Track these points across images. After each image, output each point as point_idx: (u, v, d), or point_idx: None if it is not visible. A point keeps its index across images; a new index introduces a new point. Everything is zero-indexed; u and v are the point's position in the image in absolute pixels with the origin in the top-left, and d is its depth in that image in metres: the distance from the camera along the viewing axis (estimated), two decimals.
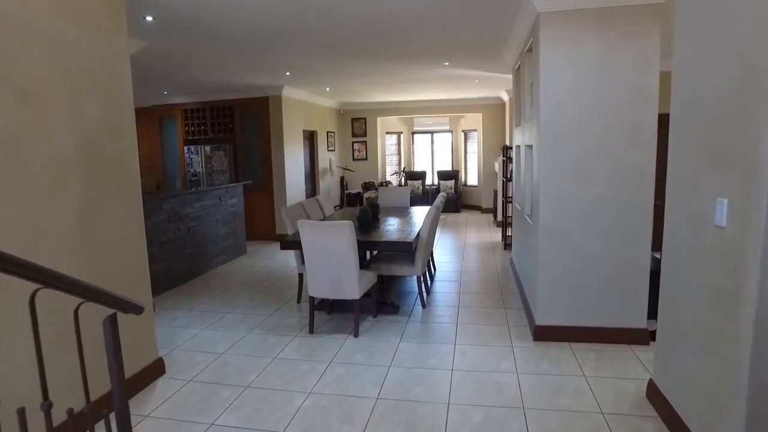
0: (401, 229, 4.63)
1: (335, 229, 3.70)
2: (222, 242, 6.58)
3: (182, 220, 5.72)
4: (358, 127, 11.65)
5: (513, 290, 5.03)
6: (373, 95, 9.80)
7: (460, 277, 5.62)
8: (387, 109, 11.42)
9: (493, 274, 5.69)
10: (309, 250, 3.87)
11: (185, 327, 4.29)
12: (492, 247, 7.27)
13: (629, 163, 3.39)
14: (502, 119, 10.56)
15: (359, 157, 11.72)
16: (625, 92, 3.33)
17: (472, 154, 11.78)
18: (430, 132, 12.41)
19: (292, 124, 8.42)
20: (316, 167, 9.95)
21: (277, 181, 8.12)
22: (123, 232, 3.00)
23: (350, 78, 7.28)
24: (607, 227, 3.49)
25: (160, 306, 4.86)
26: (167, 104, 8.55)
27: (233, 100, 8.15)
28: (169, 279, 5.45)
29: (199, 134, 8.45)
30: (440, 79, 7.58)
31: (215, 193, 6.44)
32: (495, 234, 8.30)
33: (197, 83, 7.23)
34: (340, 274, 3.83)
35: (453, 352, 3.58)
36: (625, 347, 3.52)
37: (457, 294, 4.98)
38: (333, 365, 3.42)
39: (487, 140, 10.77)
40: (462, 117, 11.88)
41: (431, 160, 12.48)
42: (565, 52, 3.39)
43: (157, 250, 5.27)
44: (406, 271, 4.50)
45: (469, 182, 11.89)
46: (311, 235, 3.80)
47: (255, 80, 7.14)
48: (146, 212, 5.21)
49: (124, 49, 3.01)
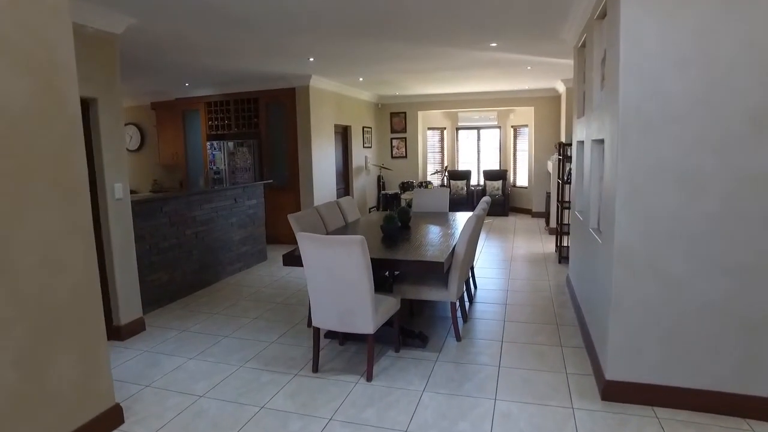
0: (433, 243, 3.77)
1: (343, 247, 2.89)
2: (237, 248, 5.94)
3: (188, 223, 5.09)
4: (398, 122, 10.82)
5: (570, 319, 4.06)
6: (413, 87, 8.94)
7: (506, 299, 4.68)
8: (429, 103, 10.52)
9: (546, 297, 4.72)
10: (311, 271, 3.08)
11: (171, 354, 3.61)
12: (544, 259, 6.26)
13: (760, 168, 2.37)
14: (557, 113, 9.43)
15: (398, 155, 10.89)
16: (757, 63, 2.32)
17: (522, 152, 10.69)
18: (476, 128, 11.40)
19: (322, 118, 7.70)
20: (350, 165, 9.21)
21: (304, 180, 7.43)
22: (58, 248, 2.31)
23: (383, 64, 6.46)
24: (723, 259, 2.47)
25: (152, 324, 4.23)
26: (190, 97, 8.03)
27: (258, 91, 7.51)
28: (170, 291, 4.83)
29: (223, 129, 7.88)
30: (487, 65, 6.62)
31: (230, 193, 5.80)
32: (548, 243, 7.26)
33: (217, 73, 6.62)
34: (350, 303, 3.02)
35: (492, 411, 2.70)
36: (739, 422, 2.52)
37: (501, 322, 4.06)
38: (332, 425, 2.62)
39: (540, 137, 9.68)
40: (511, 111, 10.81)
41: (477, 159, 11.48)
42: (660, 7, 2.42)
43: (156, 259, 4.66)
44: (436, 295, 3.64)
45: (519, 183, 10.81)
46: (313, 252, 3.01)
47: (278, 68, 6.46)
48: (144, 215, 4.58)
49: (62, 15, 2.32)
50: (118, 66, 3.83)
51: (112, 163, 3.78)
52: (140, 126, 9.06)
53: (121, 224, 3.88)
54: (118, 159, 3.84)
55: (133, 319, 4.00)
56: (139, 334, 4.01)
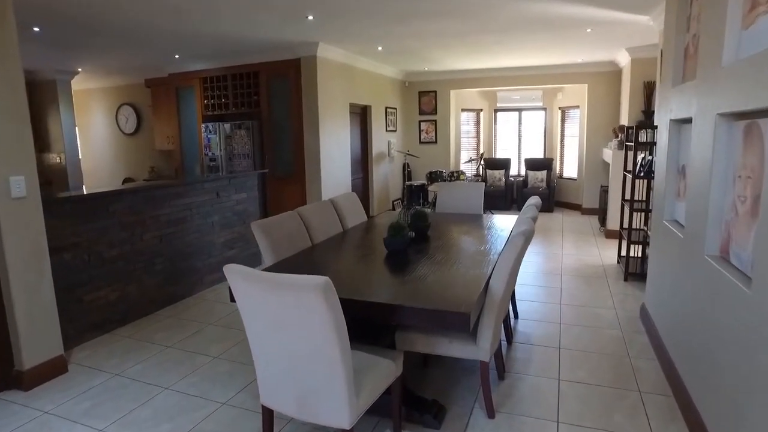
0: (458, 270, 2.54)
1: (295, 294, 1.70)
2: (220, 253, 4.86)
3: (147, 225, 4.03)
4: (427, 102, 9.50)
5: (658, 381, 2.76)
6: (444, 60, 7.61)
7: (558, 338, 3.41)
8: (463, 80, 9.14)
9: (615, 338, 3.41)
10: (251, 323, 1.92)
11: (82, 415, 2.55)
12: (604, 274, 4.91)
13: None
14: (616, 92, 7.92)
15: (427, 140, 9.59)
16: None
17: (572, 137, 9.19)
18: (518, 109, 9.94)
19: (334, 95, 6.50)
20: (369, 152, 8.00)
21: (311, 168, 6.28)
22: None
23: (404, 24, 5.18)
24: None
25: (81, 361, 3.19)
26: (184, 72, 6.98)
27: (258, 64, 6.38)
28: (120, 311, 3.79)
29: (220, 108, 6.80)
30: (535, 25, 5.24)
31: (209, 185, 4.70)
32: (605, 250, 5.87)
33: (208, 40, 5.51)
34: (313, 380, 1.84)
35: None
36: None
37: (554, 382, 2.81)
38: None
39: (594, 120, 8.18)
40: (559, 90, 9.31)
41: (518, 145, 10.04)
42: None
43: (99, 272, 3.61)
44: (460, 351, 2.42)
45: (566, 174, 9.33)
46: (251, 296, 1.83)
47: (276, 34, 5.29)
48: (80, 217, 3.43)
49: None
50: (11, 11, 2.76)
51: (6, 147, 2.71)
52: (136, 107, 8.12)
53: (23, 231, 2.82)
54: (18, 142, 2.77)
55: (45, 360, 2.95)
56: (53, 380, 2.97)
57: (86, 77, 7.99)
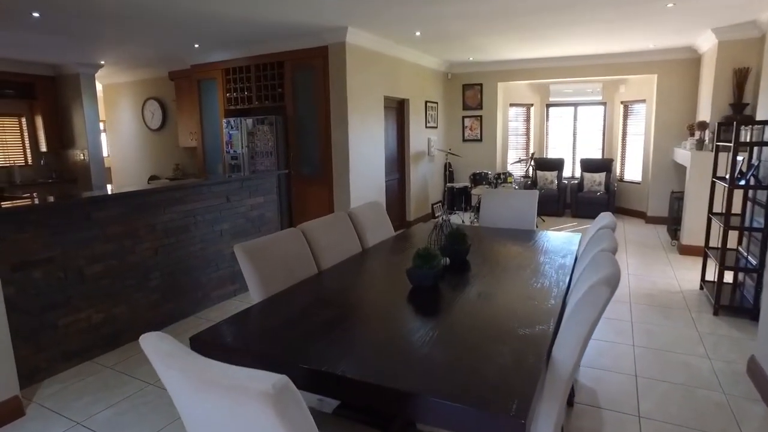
0: (506, 325, 1.80)
1: (231, 399, 1.03)
2: (230, 265, 4.30)
3: (141, 236, 3.49)
4: (471, 96, 8.66)
5: None
6: (490, 48, 6.78)
7: (637, 403, 2.60)
8: (511, 71, 8.24)
9: (719, 404, 2.57)
10: (186, 413, 1.26)
11: None
12: (684, 303, 4.00)
13: None
14: (693, 83, 6.84)
15: (471, 138, 8.76)
16: None
17: (636, 135, 8.12)
18: (573, 104, 8.94)
19: (365, 87, 5.83)
20: (406, 150, 7.28)
21: (338, 168, 5.64)
22: None
23: (444, 4, 4.43)
24: None
25: (45, 400, 2.67)
26: (205, 63, 6.48)
27: (283, 53, 5.78)
28: (104, 335, 3.27)
29: (242, 102, 6.27)
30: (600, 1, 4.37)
31: (217, 189, 4.13)
32: (681, 270, 4.92)
33: (229, 24, 4.96)
34: None
35: None
36: None
37: None
38: None
39: (664, 116, 7.12)
40: (622, 82, 8.25)
41: (572, 144, 9.04)
42: None
43: (79, 291, 3.10)
44: None
45: (628, 177, 8.28)
46: (183, 391, 1.18)
47: (300, 17, 4.66)
48: (53, 227, 2.87)
49: None
50: None
51: None
52: (161, 101, 7.73)
53: None
54: None
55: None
56: (4, 427, 2.46)
57: (112, 71, 7.68)
